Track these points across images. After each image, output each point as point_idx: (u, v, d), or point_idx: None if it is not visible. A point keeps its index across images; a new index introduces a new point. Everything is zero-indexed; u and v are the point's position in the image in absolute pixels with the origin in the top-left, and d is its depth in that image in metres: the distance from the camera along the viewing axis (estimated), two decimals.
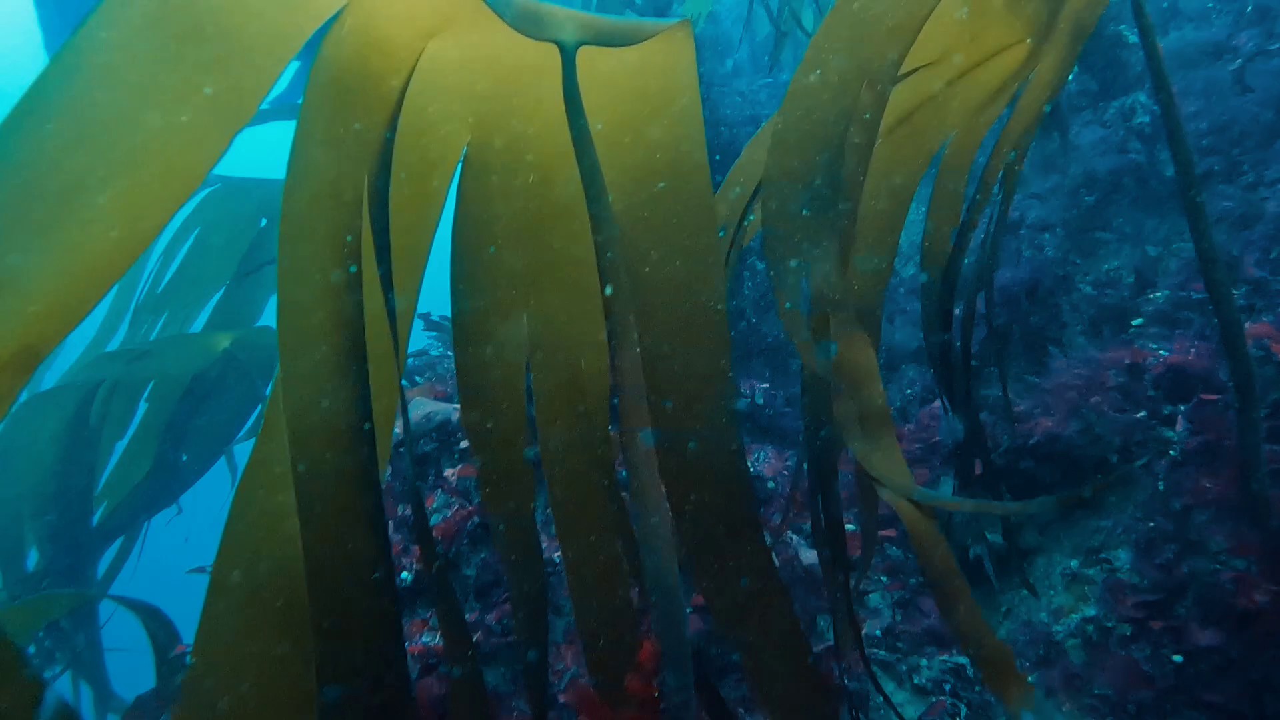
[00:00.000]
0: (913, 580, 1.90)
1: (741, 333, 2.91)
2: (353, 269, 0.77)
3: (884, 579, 1.85)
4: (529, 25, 0.77)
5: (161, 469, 2.61)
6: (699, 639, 1.65)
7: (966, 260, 1.55)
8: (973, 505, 0.86)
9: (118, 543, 2.82)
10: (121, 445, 2.75)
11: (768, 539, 0.88)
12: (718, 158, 3.10)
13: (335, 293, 0.77)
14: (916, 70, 1.24)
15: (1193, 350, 1.89)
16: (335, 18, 0.79)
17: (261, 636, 0.76)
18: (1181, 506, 1.62)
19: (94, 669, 2.72)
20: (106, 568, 2.83)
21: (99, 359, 2.73)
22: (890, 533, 1.89)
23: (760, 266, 3.05)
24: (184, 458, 2.76)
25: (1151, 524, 1.63)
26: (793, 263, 1.00)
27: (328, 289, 0.76)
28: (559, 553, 1.43)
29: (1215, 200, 2.26)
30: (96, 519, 2.71)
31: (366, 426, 0.74)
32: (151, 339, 2.91)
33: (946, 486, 1.97)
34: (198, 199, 3.06)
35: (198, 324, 2.98)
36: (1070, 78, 2.71)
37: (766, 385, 2.61)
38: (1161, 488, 1.68)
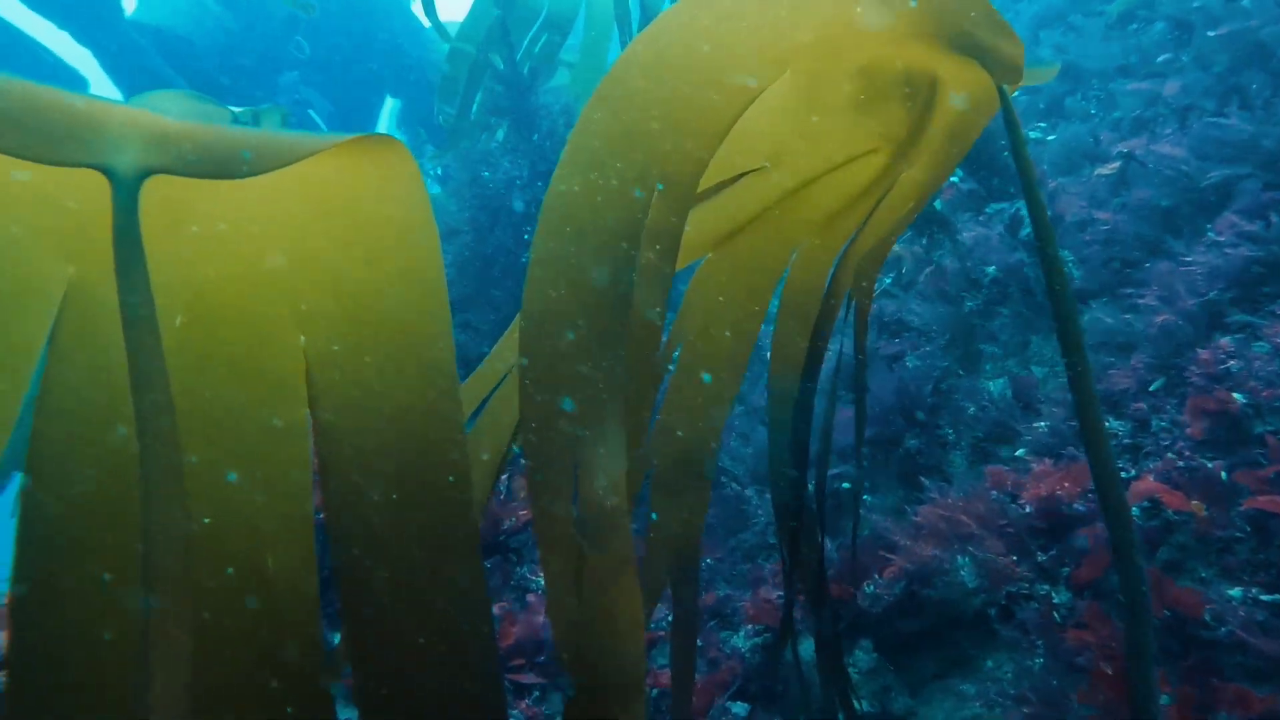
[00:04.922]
0: None
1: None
2: None
3: None
4: (50, 143, 0.46)
5: None
6: None
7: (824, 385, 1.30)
8: None
9: None
10: None
11: None
12: None
13: None
14: (742, 176, 1.00)
15: (1071, 488, 1.70)
16: None
17: None
18: (1058, 689, 1.38)
19: None
20: None
21: None
22: (733, 667, 1.59)
23: None
24: None
25: (1026, 709, 1.39)
26: (552, 454, 0.71)
27: None
28: None
29: (1098, 318, 2.13)
30: None
31: None
32: None
33: (807, 643, 1.70)
34: None
35: None
36: (957, 179, 2.60)
37: None
38: (1040, 663, 1.44)
